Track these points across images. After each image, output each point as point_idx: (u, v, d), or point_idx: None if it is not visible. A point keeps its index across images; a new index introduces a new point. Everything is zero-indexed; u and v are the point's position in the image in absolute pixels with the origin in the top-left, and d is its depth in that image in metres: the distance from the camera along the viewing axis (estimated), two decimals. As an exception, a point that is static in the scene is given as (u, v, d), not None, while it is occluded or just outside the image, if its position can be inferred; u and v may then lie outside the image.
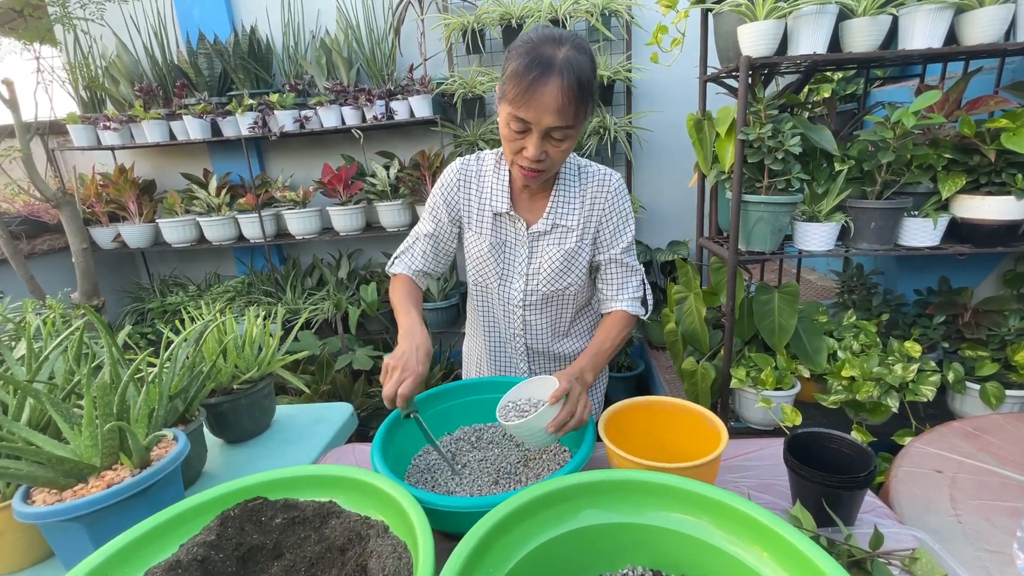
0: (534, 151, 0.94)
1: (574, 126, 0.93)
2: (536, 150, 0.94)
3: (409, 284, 1.15)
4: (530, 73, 0.88)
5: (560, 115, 0.89)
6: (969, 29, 1.42)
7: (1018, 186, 1.46)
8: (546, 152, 0.96)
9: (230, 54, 2.70)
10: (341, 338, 2.68)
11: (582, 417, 0.89)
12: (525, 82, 0.88)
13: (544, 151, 0.95)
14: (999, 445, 1.08)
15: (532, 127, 0.92)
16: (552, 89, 0.87)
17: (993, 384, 1.62)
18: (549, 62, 0.88)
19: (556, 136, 0.94)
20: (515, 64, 0.90)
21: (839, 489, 0.79)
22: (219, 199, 2.78)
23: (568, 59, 0.88)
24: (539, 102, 0.88)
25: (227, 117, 2.68)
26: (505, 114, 0.94)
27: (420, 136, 2.97)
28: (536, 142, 0.93)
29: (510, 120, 0.93)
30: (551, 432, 0.87)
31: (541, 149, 0.94)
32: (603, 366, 1.08)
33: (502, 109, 0.95)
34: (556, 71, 0.87)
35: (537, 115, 0.90)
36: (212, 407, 1.15)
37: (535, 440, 0.91)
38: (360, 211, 2.77)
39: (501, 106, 0.96)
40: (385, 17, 2.76)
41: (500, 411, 0.95)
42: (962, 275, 1.94)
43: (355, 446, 1.18)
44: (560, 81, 0.87)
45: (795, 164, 1.49)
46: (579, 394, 0.92)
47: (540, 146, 0.94)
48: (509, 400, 0.97)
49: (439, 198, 1.15)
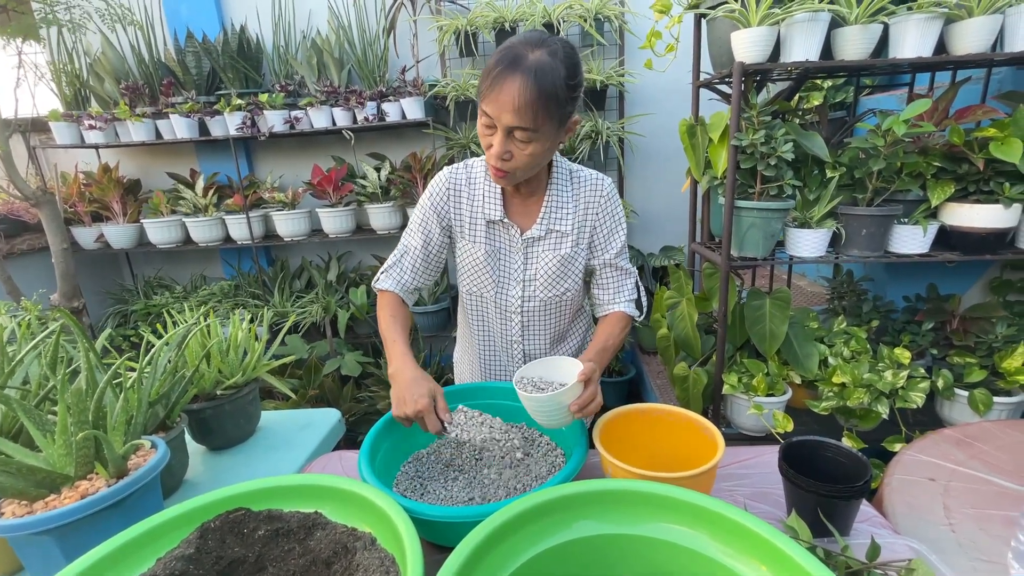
0: (498, 148, 0.93)
1: (536, 130, 0.90)
2: (500, 147, 0.92)
3: (395, 305, 1.10)
4: (496, 68, 0.88)
5: (518, 115, 0.88)
6: (958, 39, 1.43)
7: (1005, 194, 1.47)
8: (511, 152, 0.94)
9: (219, 53, 2.66)
10: (330, 342, 2.64)
11: (600, 403, 0.89)
12: (491, 77, 0.88)
13: (508, 151, 0.93)
14: (991, 453, 1.08)
15: (496, 124, 0.91)
16: (511, 87, 0.86)
17: (981, 391, 1.63)
18: (517, 60, 0.87)
19: (518, 137, 0.92)
20: (491, 59, 0.90)
21: (835, 499, 0.78)
22: (206, 199, 2.73)
23: (538, 62, 0.87)
24: (498, 98, 0.88)
25: (215, 117, 2.63)
26: (479, 110, 0.94)
27: (412, 138, 2.95)
28: (500, 139, 0.92)
29: (480, 115, 0.93)
30: (574, 410, 0.87)
31: (505, 148, 0.93)
32: (607, 363, 1.08)
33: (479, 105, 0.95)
34: (520, 70, 0.86)
35: (498, 111, 0.89)
36: (195, 413, 1.11)
37: (553, 417, 0.89)
38: (350, 213, 2.74)
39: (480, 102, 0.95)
40: (377, 18, 2.74)
41: (518, 383, 0.92)
42: (949, 282, 1.95)
43: (342, 453, 1.15)
44: (522, 80, 0.86)
45: (787, 170, 1.50)
46: (598, 379, 0.92)
47: (504, 144, 0.92)
48: (524, 376, 0.95)
49: (428, 209, 1.12)
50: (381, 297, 1.12)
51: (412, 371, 0.96)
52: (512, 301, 1.16)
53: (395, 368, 0.97)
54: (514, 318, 1.18)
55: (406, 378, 0.95)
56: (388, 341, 1.03)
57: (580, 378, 0.86)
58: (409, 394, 0.92)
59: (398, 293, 1.12)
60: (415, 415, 0.90)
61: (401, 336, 1.05)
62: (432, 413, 0.90)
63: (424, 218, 1.13)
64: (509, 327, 1.19)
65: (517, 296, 1.15)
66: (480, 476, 0.99)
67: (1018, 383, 1.60)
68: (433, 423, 0.91)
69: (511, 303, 1.16)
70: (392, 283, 1.12)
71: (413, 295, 1.17)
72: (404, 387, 0.93)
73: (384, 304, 1.10)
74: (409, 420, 0.92)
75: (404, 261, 1.13)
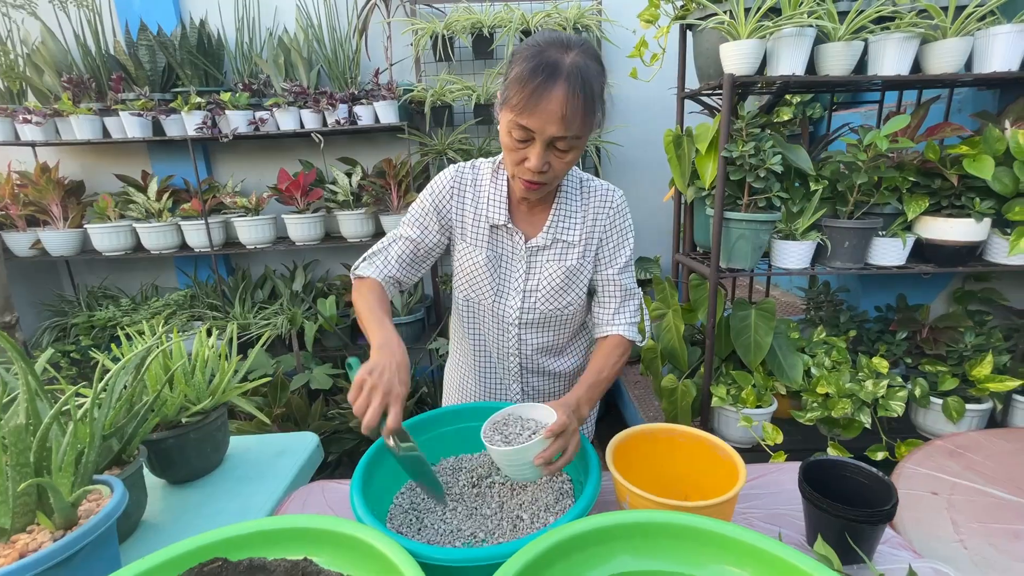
0: (537, 161, 0.87)
1: (580, 136, 0.87)
2: (539, 160, 0.87)
3: (379, 290, 1.01)
4: (535, 78, 0.81)
5: (565, 124, 0.83)
6: (933, 59, 1.48)
7: (976, 209, 1.53)
8: (549, 163, 0.89)
9: (176, 47, 2.49)
10: (296, 356, 2.49)
11: (572, 456, 0.82)
12: (529, 88, 0.81)
13: (547, 162, 0.89)
14: (983, 463, 1.09)
15: (535, 136, 0.86)
16: (558, 96, 0.81)
17: (955, 399, 1.68)
18: (555, 67, 0.82)
19: (560, 147, 0.87)
20: (519, 68, 0.84)
21: (863, 523, 0.75)
22: (160, 204, 2.54)
23: (576, 64, 0.82)
24: (544, 110, 0.82)
25: (171, 115, 2.46)
26: (507, 121, 0.87)
27: (384, 143, 2.85)
28: (539, 152, 0.87)
29: (512, 128, 0.86)
30: (537, 465, 0.79)
31: (544, 160, 0.88)
32: (599, 398, 1.02)
33: (503, 116, 0.88)
34: (563, 77, 0.81)
35: (541, 124, 0.83)
36: (155, 444, 0.99)
37: (518, 472, 0.83)
38: (319, 220, 2.61)
39: (503, 113, 0.89)
40: (349, 18, 2.64)
41: (485, 433, 0.85)
42: (917, 293, 2.03)
43: (324, 484, 1.05)
44: (566, 88, 0.81)
45: (775, 182, 1.50)
46: (573, 431, 0.84)
47: (543, 156, 0.88)
48: (496, 421, 0.89)
49: (429, 205, 1.05)
50: (360, 284, 1.02)
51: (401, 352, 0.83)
52: (510, 312, 1.10)
53: (384, 340, 0.84)
54: (511, 329, 1.11)
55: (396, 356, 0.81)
56: (374, 320, 0.90)
57: (546, 433, 0.79)
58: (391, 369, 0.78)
59: (379, 280, 1.02)
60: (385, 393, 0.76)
61: (387, 314, 0.94)
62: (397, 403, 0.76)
63: (423, 213, 1.05)
64: (505, 338, 1.13)
65: (516, 307, 1.09)
66: (480, 506, 0.92)
67: (988, 390, 1.66)
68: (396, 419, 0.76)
69: (509, 313, 1.10)
70: (374, 270, 1.03)
71: (395, 287, 1.07)
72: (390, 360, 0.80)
73: (364, 289, 0.99)
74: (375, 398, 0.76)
75: (391, 249, 1.05)
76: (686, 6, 1.60)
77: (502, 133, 0.90)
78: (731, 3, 1.46)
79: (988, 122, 1.60)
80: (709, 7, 1.48)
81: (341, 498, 0.99)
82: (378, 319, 0.92)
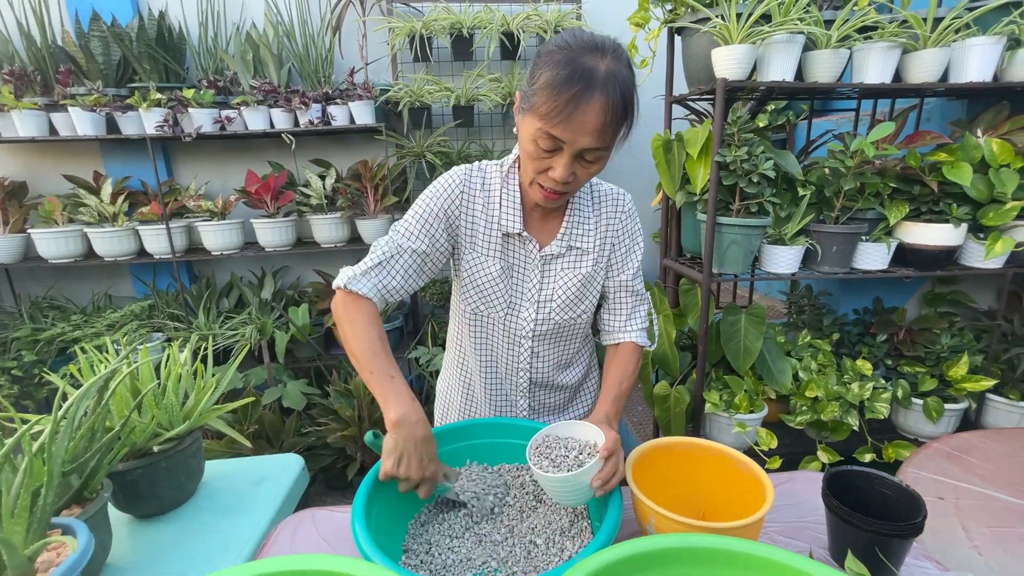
0: (563, 172, 0.82)
1: (609, 147, 0.83)
2: (565, 172, 0.82)
3: (377, 319, 0.89)
4: (570, 88, 0.75)
5: (599, 136, 0.79)
6: (914, 68, 1.52)
7: (954, 215, 1.58)
8: (574, 174, 0.84)
9: (132, 40, 2.32)
10: (268, 369, 2.35)
11: (622, 474, 0.79)
12: (564, 97, 0.76)
13: (572, 172, 0.84)
14: (982, 466, 1.11)
15: (564, 147, 0.80)
16: (595, 108, 0.76)
17: (934, 399, 1.73)
18: (591, 76, 0.76)
19: (588, 158, 0.83)
20: (551, 74, 0.77)
21: (893, 537, 0.73)
22: (115, 207, 2.36)
23: (612, 72, 0.77)
24: (578, 121, 0.77)
25: (128, 112, 2.29)
26: (533, 129, 0.81)
27: (358, 145, 2.75)
28: (566, 163, 0.82)
29: (539, 137, 0.81)
30: (596, 486, 0.77)
31: (570, 171, 0.83)
32: (623, 410, 0.98)
33: (528, 122, 0.82)
34: (599, 87, 0.76)
35: (574, 135, 0.78)
36: (121, 476, 0.88)
37: (571, 498, 0.79)
38: (290, 225, 2.48)
39: (527, 118, 0.83)
40: (322, 14, 2.53)
41: (531, 458, 0.81)
42: (892, 296, 2.08)
43: (314, 512, 0.96)
44: (604, 99, 0.76)
45: (767, 187, 1.51)
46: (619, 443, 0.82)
47: (570, 167, 0.82)
48: (538, 445, 0.84)
49: (437, 209, 0.94)
50: (354, 304, 0.88)
51: (422, 425, 0.81)
52: (524, 324, 1.03)
53: (401, 414, 0.80)
54: (524, 343, 1.05)
55: (417, 434, 0.79)
56: (381, 374, 0.82)
57: (603, 453, 0.77)
58: (418, 453, 0.79)
59: (376, 302, 0.90)
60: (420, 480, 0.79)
61: (395, 366, 0.85)
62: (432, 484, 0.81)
63: (429, 219, 0.94)
64: (517, 352, 1.06)
65: (530, 318, 1.03)
66: (490, 532, 0.86)
67: (965, 390, 1.71)
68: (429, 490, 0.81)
69: (522, 326, 1.03)
70: (371, 288, 0.89)
71: (389, 304, 1.02)
72: (413, 443, 0.79)
73: (357, 314, 0.87)
74: (408, 483, 0.79)
75: (394, 263, 0.92)
76: (676, 10, 1.60)
77: (524, 139, 0.84)
78: (723, 8, 1.45)
79: (963, 131, 1.65)
80: (701, 11, 1.47)
81: (336, 528, 0.91)
82: (384, 370, 0.83)
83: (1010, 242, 1.56)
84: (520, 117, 0.87)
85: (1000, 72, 1.53)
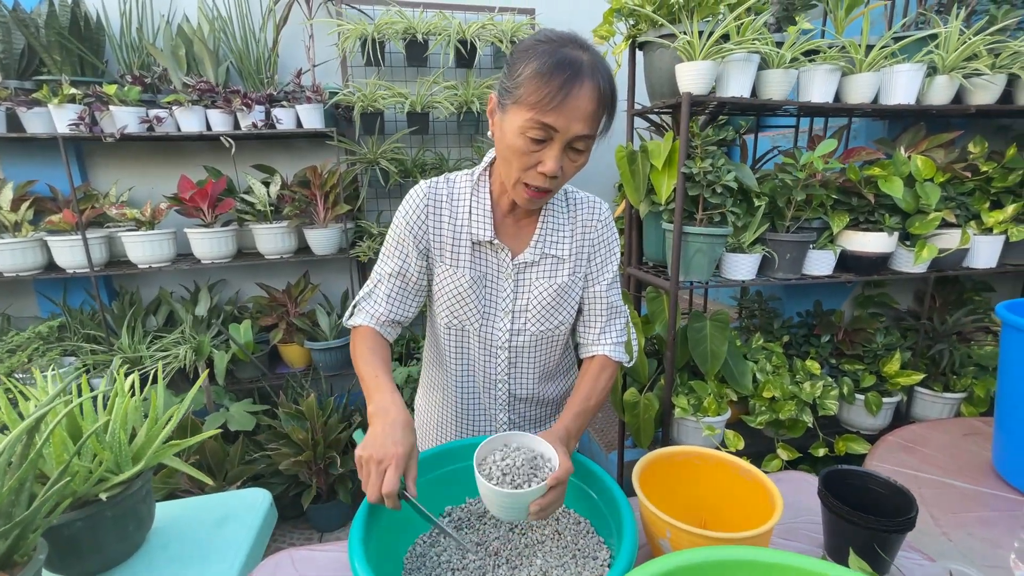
0: (554, 164, 0.81)
1: (595, 136, 0.84)
2: (556, 163, 0.81)
3: (374, 339, 0.95)
4: (560, 73, 0.76)
5: (591, 122, 0.80)
6: (852, 90, 1.65)
7: (887, 224, 1.72)
8: (561, 167, 0.83)
9: (40, 27, 2.06)
10: (207, 391, 2.14)
11: (561, 502, 0.77)
12: (555, 83, 0.76)
13: (560, 166, 0.83)
14: (935, 456, 1.20)
15: (556, 136, 0.80)
16: (586, 93, 0.77)
17: (873, 394, 1.87)
18: (578, 63, 0.78)
19: (578, 147, 0.83)
20: (538, 64, 0.77)
21: (890, 533, 0.76)
22: (17, 215, 2.07)
23: (595, 62, 0.80)
24: (571, 107, 0.77)
25: (33, 108, 2.02)
26: (521, 121, 0.79)
27: (305, 151, 2.60)
28: (557, 154, 0.81)
29: (529, 128, 0.79)
30: (534, 511, 0.73)
31: (560, 163, 0.82)
32: (587, 426, 0.96)
33: (514, 116, 0.80)
34: (586, 74, 0.78)
35: (567, 122, 0.78)
36: (57, 531, 0.75)
37: (507, 514, 0.76)
38: (230, 235, 2.29)
39: (512, 113, 0.81)
40: (262, 11, 2.38)
41: (479, 462, 0.77)
42: (830, 299, 2.25)
43: (292, 553, 0.87)
44: (594, 84, 0.78)
45: (729, 198, 1.57)
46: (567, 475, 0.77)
47: (560, 159, 0.82)
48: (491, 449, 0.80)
49: (403, 230, 0.96)
50: (355, 335, 0.97)
51: (403, 415, 0.78)
52: (499, 335, 1.01)
53: (378, 406, 0.80)
54: (500, 354, 1.02)
55: (395, 421, 0.77)
56: (368, 376, 0.87)
57: (550, 482, 0.73)
58: (387, 438, 0.74)
59: (374, 327, 0.98)
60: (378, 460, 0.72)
61: (383, 369, 0.88)
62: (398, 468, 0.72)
63: (399, 240, 0.97)
64: (494, 364, 1.03)
65: (505, 329, 1.00)
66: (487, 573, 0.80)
67: (899, 384, 1.87)
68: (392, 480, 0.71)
69: (498, 337, 1.01)
70: (365, 317, 0.98)
71: (393, 329, 1.00)
72: (381, 427, 0.76)
73: (359, 341, 0.95)
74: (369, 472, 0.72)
75: (379, 291, 0.98)
76: (639, 25, 1.64)
77: (511, 136, 0.82)
78: (685, 25, 1.51)
79: (886, 148, 1.82)
80: (665, 27, 1.52)
81: (320, 570, 0.82)
82: (373, 379, 0.86)
83: (934, 249, 1.73)
84: (500, 115, 0.85)
85: (921, 95, 1.69)
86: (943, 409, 1.93)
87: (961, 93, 1.74)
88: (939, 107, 1.70)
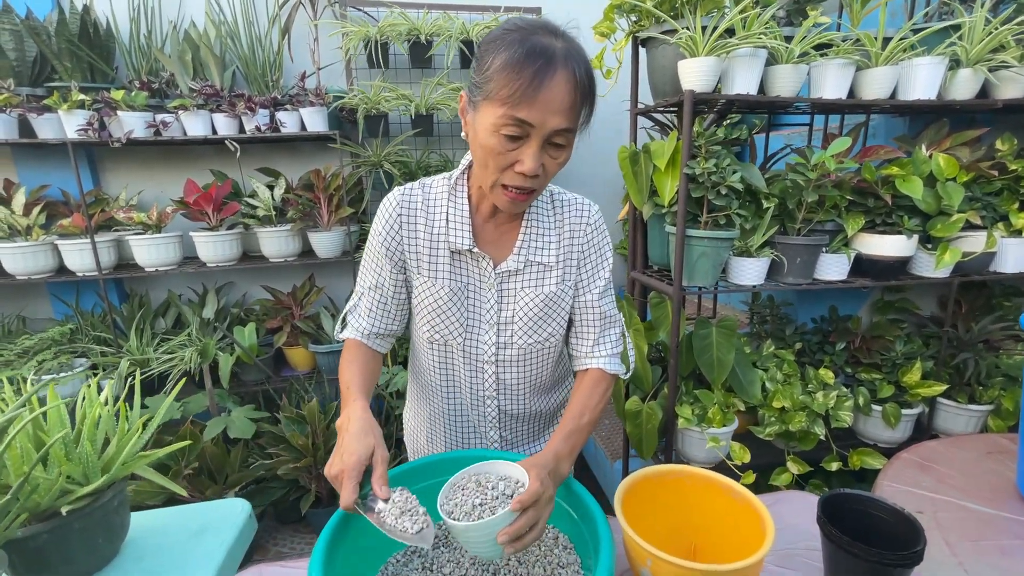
0: (533, 163, 0.76)
1: (575, 130, 0.78)
2: (535, 161, 0.76)
3: (356, 351, 0.96)
4: (532, 63, 0.71)
5: (568, 115, 0.74)
6: (866, 85, 1.57)
7: (906, 226, 1.63)
8: (542, 165, 0.78)
9: (51, 35, 2.10)
10: (210, 395, 2.16)
11: (542, 530, 0.69)
12: (526, 74, 0.70)
13: (541, 164, 0.77)
14: (954, 476, 1.12)
15: (532, 132, 0.74)
16: (560, 82, 0.72)
17: (891, 405, 1.77)
18: (550, 51, 0.72)
19: (558, 141, 0.77)
20: (507, 55, 0.72)
21: (895, 567, 0.70)
22: (29, 219, 2.11)
23: (569, 49, 0.74)
24: (545, 99, 0.72)
25: (45, 114, 2.06)
26: (494, 118, 0.74)
27: (309, 153, 2.60)
28: (535, 152, 0.76)
29: (503, 125, 0.74)
30: (503, 541, 0.66)
31: (539, 160, 0.77)
32: (582, 446, 0.90)
33: (486, 113, 0.76)
34: (560, 62, 0.72)
35: (542, 116, 0.73)
36: (21, 543, 0.73)
37: (480, 550, 0.70)
38: (236, 238, 2.30)
39: (483, 110, 0.76)
40: (268, 15, 2.39)
41: (444, 498, 0.72)
42: (846, 304, 2.15)
43: (262, 569, 0.84)
44: (568, 73, 0.72)
45: (735, 200, 1.51)
46: (548, 499, 0.71)
47: (539, 156, 0.76)
48: (457, 484, 0.75)
49: (377, 243, 0.93)
50: (344, 348, 0.98)
51: (358, 423, 0.77)
52: (484, 348, 0.96)
53: (342, 419, 0.80)
54: (487, 369, 0.98)
55: (349, 431, 0.76)
56: (342, 388, 0.89)
57: (514, 506, 0.66)
58: (343, 451, 0.73)
59: (361, 340, 0.98)
60: (334, 477, 0.71)
61: (356, 380, 0.87)
62: (352, 477, 0.69)
63: (374, 256, 0.94)
64: (480, 380, 0.99)
65: (490, 342, 0.96)
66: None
67: (919, 396, 1.77)
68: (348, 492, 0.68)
69: (483, 351, 0.96)
70: (353, 330, 0.98)
71: (383, 341, 0.98)
72: (342, 442, 0.76)
73: (344, 351, 0.97)
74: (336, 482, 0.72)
75: (361, 305, 0.98)
76: (641, 21, 1.58)
77: (484, 135, 0.77)
78: (688, 20, 1.45)
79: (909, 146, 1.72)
80: (668, 22, 1.46)
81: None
82: (345, 391, 0.87)
83: (957, 252, 1.63)
84: (472, 114, 0.80)
85: (943, 90, 1.60)
86: (968, 422, 1.83)
87: (987, 87, 1.63)
88: (963, 102, 1.61)
